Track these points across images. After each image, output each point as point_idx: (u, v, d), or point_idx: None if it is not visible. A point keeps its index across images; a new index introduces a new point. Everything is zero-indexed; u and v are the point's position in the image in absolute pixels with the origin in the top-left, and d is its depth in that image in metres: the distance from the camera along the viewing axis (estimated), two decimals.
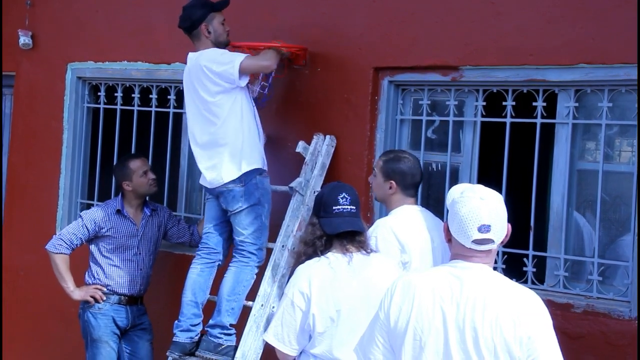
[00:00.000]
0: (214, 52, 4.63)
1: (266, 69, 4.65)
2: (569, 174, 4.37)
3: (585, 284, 4.32)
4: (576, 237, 4.48)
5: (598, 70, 4.17)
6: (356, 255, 3.43)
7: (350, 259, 3.40)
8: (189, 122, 4.76)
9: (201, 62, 4.57)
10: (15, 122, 6.60)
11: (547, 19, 4.29)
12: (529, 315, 2.65)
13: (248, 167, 4.56)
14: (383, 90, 4.83)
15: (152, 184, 5.19)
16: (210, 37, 4.69)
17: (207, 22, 4.69)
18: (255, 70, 4.64)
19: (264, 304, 4.47)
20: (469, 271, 2.73)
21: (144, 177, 5.15)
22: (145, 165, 5.20)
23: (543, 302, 2.74)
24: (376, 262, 3.46)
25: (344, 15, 4.93)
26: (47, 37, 6.40)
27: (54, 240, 5.07)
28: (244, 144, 4.57)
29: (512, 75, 4.41)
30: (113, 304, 5.07)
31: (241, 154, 4.56)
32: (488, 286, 2.69)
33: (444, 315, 2.67)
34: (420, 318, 2.69)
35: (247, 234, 4.60)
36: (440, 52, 4.60)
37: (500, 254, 4.48)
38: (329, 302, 3.33)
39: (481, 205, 2.71)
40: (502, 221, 2.75)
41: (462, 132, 4.73)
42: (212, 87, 4.56)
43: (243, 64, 4.51)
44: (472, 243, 2.71)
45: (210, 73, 4.53)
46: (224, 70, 4.51)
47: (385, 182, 3.97)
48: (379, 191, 4.04)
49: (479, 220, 2.70)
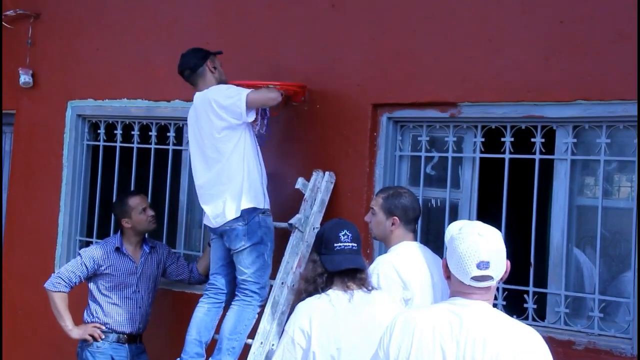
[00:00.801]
0: (222, 87, 4.70)
1: (273, 101, 4.67)
2: (568, 210, 4.38)
3: (586, 321, 4.30)
4: (576, 273, 4.48)
5: (596, 106, 4.20)
6: (357, 292, 3.41)
7: (352, 296, 3.39)
8: (192, 161, 4.79)
9: (210, 96, 4.63)
10: (15, 160, 6.62)
11: (544, 56, 4.32)
12: (529, 352, 2.64)
13: (248, 205, 4.57)
14: (382, 126, 4.85)
15: (152, 220, 5.19)
16: (215, 74, 4.78)
17: (211, 59, 4.79)
18: (261, 104, 4.65)
19: (264, 341, 4.45)
20: (469, 308, 2.72)
21: (143, 214, 5.15)
22: (144, 202, 5.21)
23: (544, 339, 2.72)
24: (378, 299, 3.45)
25: (343, 52, 4.97)
26: (47, 75, 6.44)
27: (52, 279, 5.06)
28: (244, 183, 4.58)
29: (510, 111, 4.44)
30: (112, 343, 5.05)
31: (241, 192, 4.57)
32: (488, 323, 2.68)
33: (444, 353, 2.66)
34: (420, 356, 2.68)
35: (249, 273, 4.59)
36: (439, 89, 4.63)
37: (500, 290, 4.47)
38: (330, 340, 3.31)
39: (480, 242, 2.72)
40: (501, 258, 2.75)
41: (461, 168, 4.74)
42: (218, 123, 4.58)
43: (249, 97, 4.54)
44: (471, 280, 2.71)
45: (217, 106, 4.57)
46: (231, 103, 4.54)
47: (388, 218, 3.97)
48: (378, 229, 4.04)
49: (478, 257, 2.70)
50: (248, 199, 4.58)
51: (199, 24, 5.64)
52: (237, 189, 4.57)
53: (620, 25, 4.12)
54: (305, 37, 5.15)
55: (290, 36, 5.21)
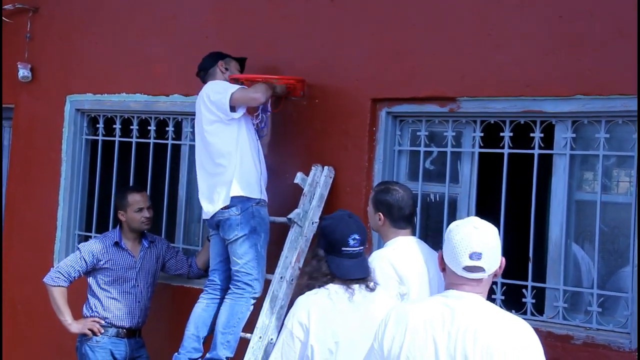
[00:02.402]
0: (216, 82, 4.80)
1: (254, 101, 4.71)
2: (567, 205, 4.40)
3: (584, 315, 4.32)
4: (575, 268, 4.51)
5: (595, 101, 4.21)
6: (358, 290, 3.43)
7: (352, 295, 3.41)
8: (196, 151, 4.90)
9: (205, 90, 4.75)
10: (14, 154, 6.64)
11: (544, 51, 4.34)
12: (520, 344, 2.68)
13: (237, 193, 4.62)
14: (381, 121, 4.87)
15: (145, 222, 5.20)
16: (225, 75, 4.89)
17: (225, 61, 4.92)
18: (244, 102, 4.70)
19: (262, 336, 4.47)
20: (461, 300, 2.76)
21: (138, 213, 5.17)
22: (143, 202, 5.22)
23: (542, 333, 2.75)
24: (378, 297, 3.46)
25: (342, 47, 4.99)
26: (46, 70, 6.46)
27: (51, 273, 5.09)
28: (235, 173, 4.63)
29: (509, 106, 4.46)
30: (111, 337, 5.08)
31: (232, 181, 4.63)
32: (479, 315, 2.73)
33: (436, 344, 2.70)
34: (412, 347, 2.73)
35: (242, 264, 4.63)
36: (438, 84, 4.65)
37: (499, 284, 4.50)
38: (327, 334, 3.33)
39: (473, 233, 2.76)
40: (495, 252, 2.79)
41: (460, 163, 4.75)
42: (208, 116, 4.69)
43: (234, 95, 4.62)
44: (463, 270, 2.75)
45: (208, 101, 4.68)
46: (218, 99, 4.64)
47: (375, 213, 4.02)
48: (371, 222, 4.11)
49: (470, 247, 2.74)
50: (239, 187, 4.63)
51: (198, 18, 5.65)
52: (227, 179, 4.64)
53: (619, 20, 4.14)
54: (305, 32, 5.16)
55: (289, 31, 5.23)
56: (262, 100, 4.73)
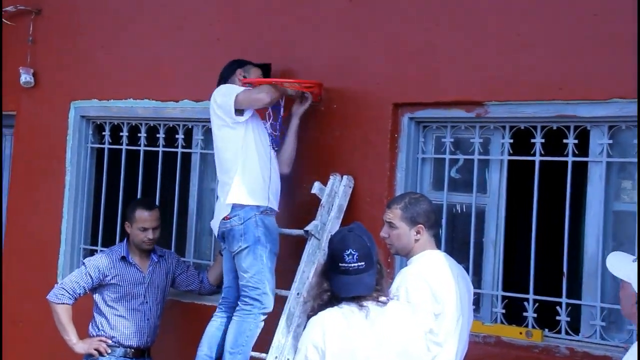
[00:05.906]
0: (224, 85, 4.79)
1: (258, 101, 4.67)
2: (604, 216, 4.32)
3: (625, 335, 4.23)
4: (613, 283, 4.41)
5: (633, 105, 4.12)
6: (372, 306, 3.37)
7: (367, 312, 3.35)
8: None
9: (214, 94, 4.74)
10: (16, 164, 6.65)
11: (577, 51, 4.28)
12: None
13: (236, 200, 4.60)
14: (403, 127, 4.82)
15: (146, 242, 5.14)
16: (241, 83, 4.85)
17: (244, 69, 4.89)
18: (249, 104, 4.66)
19: (278, 356, 4.42)
20: None
21: (141, 232, 5.12)
22: (150, 222, 5.14)
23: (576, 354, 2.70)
24: (391, 310, 3.41)
25: (362, 49, 4.95)
26: (49, 75, 6.46)
27: (55, 290, 5.07)
28: (236, 179, 4.62)
29: (541, 110, 4.39)
30: (118, 357, 5.06)
31: (232, 190, 4.61)
32: None
33: None
34: None
35: (248, 277, 4.57)
36: (464, 87, 4.60)
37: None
38: (345, 354, 3.28)
39: None
40: None
41: (488, 172, 4.70)
42: (216, 121, 4.71)
43: (238, 97, 4.60)
44: None
45: (215, 105, 4.69)
46: (223, 102, 4.63)
47: (412, 228, 3.82)
48: (401, 242, 3.84)
49: None
50: (239, 195, 4.61)
51: (208, 18, 5.63)
52: (229, 186, 4.64)
53: None
54: (322, 34, 5.14)
55: (306, 32, 5.20)
56: (267, 100, 4.68)
